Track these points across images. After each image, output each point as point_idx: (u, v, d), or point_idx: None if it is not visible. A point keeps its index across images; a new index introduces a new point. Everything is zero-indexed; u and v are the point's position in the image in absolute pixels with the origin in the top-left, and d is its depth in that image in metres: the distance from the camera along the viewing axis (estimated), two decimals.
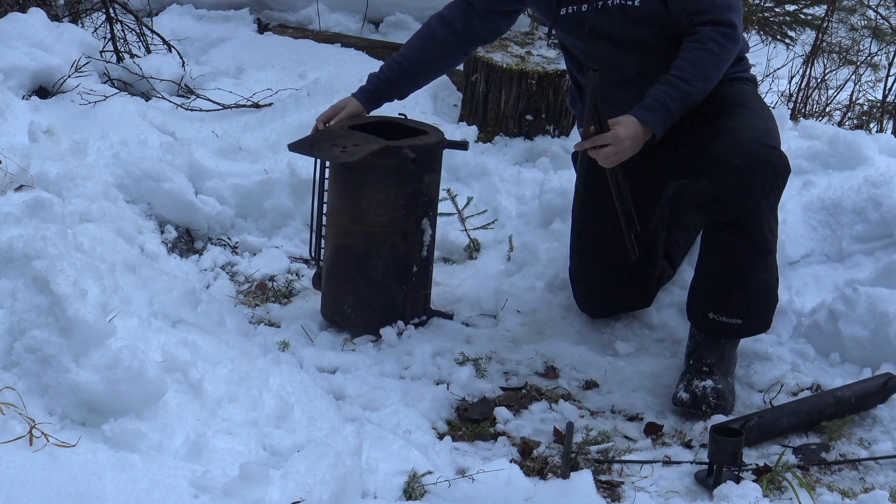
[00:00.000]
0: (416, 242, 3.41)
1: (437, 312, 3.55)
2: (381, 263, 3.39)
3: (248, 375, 2.74)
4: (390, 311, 3.44)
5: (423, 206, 3.39)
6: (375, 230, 3.36)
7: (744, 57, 3.33)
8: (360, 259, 3.40)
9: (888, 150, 3.95)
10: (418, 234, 3.40)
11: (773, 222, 3.05)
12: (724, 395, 3.06)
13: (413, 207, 3.37)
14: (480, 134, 4.83)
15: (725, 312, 3.09)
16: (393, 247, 3.38)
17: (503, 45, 4.97)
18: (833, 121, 6.38)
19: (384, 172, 3.31)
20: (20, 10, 5.08)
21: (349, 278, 3.44)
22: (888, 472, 2.84)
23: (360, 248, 3.39)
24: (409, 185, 3.34)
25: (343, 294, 3.46)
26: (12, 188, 3.43)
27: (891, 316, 3.17)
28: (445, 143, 3.45)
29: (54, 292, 2.43)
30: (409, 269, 3.40)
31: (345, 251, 3.43)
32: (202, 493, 2.21)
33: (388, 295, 3.42)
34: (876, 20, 7.01)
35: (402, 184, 3.33)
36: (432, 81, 3.88)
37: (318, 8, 6.54)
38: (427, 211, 3.41)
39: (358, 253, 3.40)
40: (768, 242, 3.05)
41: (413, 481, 2.62)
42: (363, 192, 3.34)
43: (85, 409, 2.36)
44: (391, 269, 3.40)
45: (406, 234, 3.38)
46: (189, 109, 4.99)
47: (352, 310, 3.45)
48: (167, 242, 3.94)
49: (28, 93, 4.65)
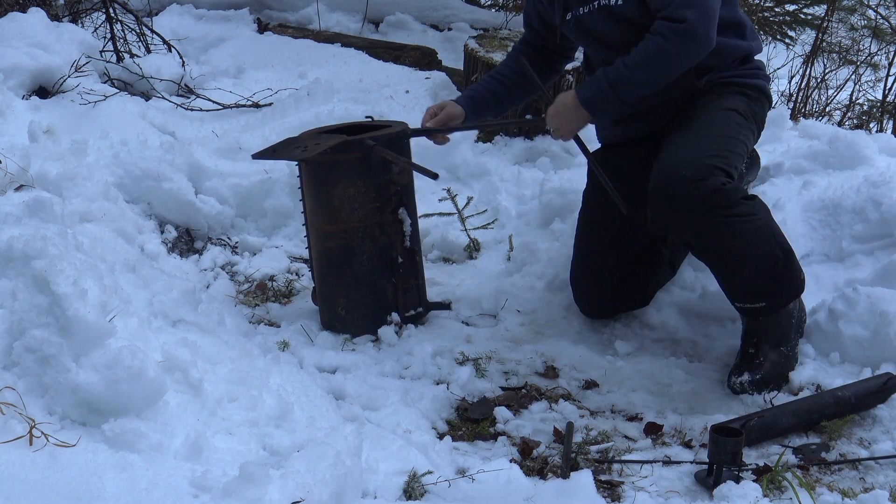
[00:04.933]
0: (396, 233, 3.43)
1: (434, 304, 3.56)
2: (364, 259, 3.41)
3: (248, 375, 2.74)
4: (383, 305, 3.45)
5: (397, 195, 3.41)
6: (353, 226, 3.39)
7: (750, 57, 3.31)
8: (344, 258, 3.42)
9: (888, 150, 3.95)
10: (396, 224, 3.42)
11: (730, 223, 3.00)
12: (764, 381, 3.13)
13: (386, 198, 3.39)
14: (480, 134, 4.83)
15: (747, 300, 3.15)
16: (373, 240, 3.40)
17: (503, 45, 4.97)
18: (833, 120, 6.39)
19: (349, 166, 3.34)
20: (20, 10, 5.09)
21: (337, 280, 3.45)
22: (888, 472, 2.84)
23: (342, 246, 3.41)
24: (377, 175, 3.37)
25: (335, 297, 3.47)
26: (12, 188, 3.44)
27: (891, 316, 3.17)
28: (409, 132, 3.46)
29: (54, 292, 2.43)
30: (394, 260, 3.43)
31: (328, 253, 3.45)
32: (202, 492, 2.21)
33: (377, 289, 3.44)
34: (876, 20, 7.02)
35: (369, 175, 3.36)
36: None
37: (318, 8, 6.55)
38: (402, 200, 3.43)
39: (341, 252, 3.42)
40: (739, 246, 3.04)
41: (413, 481, 2.62)
42: (334, 190, 3.37)
43: (85, 408, 2.36)
44: (376, 264, 3.42)
45: (384, 225, 3.41)
46: (189, 109, 4.99)
47: (345, 311, 3.46)
48: (167, 242, 3.94)
49: (28, 93, 4.65)
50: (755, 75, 3.30)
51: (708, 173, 2.97)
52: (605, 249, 3.42)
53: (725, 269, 3.13)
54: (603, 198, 3.31)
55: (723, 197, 2.97)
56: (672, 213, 3.02)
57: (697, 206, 2.97)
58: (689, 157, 3.02)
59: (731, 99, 3.22)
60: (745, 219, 3.02)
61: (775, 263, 3.11)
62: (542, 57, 3.55)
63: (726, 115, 3.18)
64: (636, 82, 3.10)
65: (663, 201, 3.02)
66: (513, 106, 3.65)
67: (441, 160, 4.57)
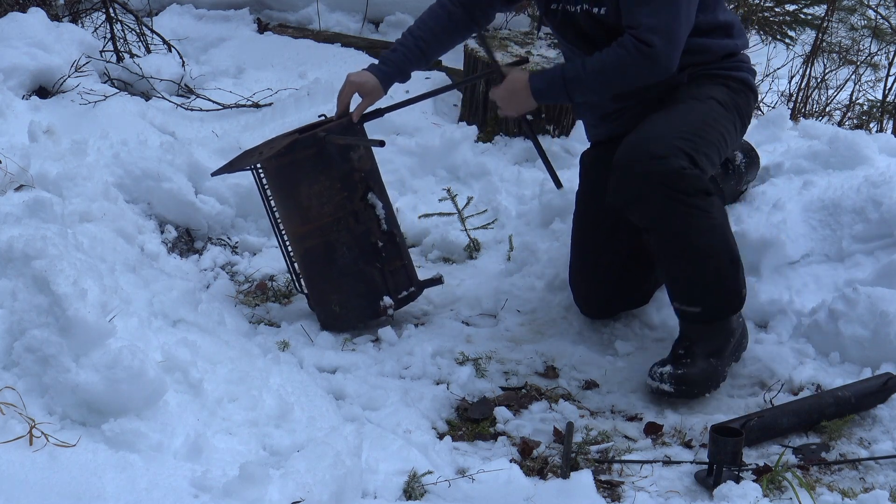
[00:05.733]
0: (371, 219, 3.43)
1: (426, 282, 3.57)
2: (345, 251, 3.42)
3: (248, 375, 2.74)
4: (374, 291, 3.46)
5: (363, 181, 3.42)
6: (326, 221, 3.40)
7: (736, 52, 3.30)
8: (326, 254, 3.43)
9: (888, 149, 3.95)
10: (369, 210, 3.43)
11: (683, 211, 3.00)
12: (684, 379, 3.08)
13: (352, 186, 3.40)
14: (480, 134, 4.83)
15: (684, 301, 3.14)
16: (350, 231, 3.41)
17: (503, 45, 4.97)
18: (833, 120, 6.39)
19: (308, 163, 3.35)
20: (20, 9, 5.09)
21: (325, 277, 3.46)
22: (888, 472, 2.84)
23: (321, 244, 3.42)
24: (338, 167, 3.38)
25: (326, 295, 3.48)
26: (12, 188, 3.44)
27: (891, 316, 3.17)
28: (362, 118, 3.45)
29: (54, 292, 2.43)
30: (375, 245, 3.44)
31: (310, 254, 3.46)
32: (202, 492, 2.21)
33: (364, 277, 3.45)
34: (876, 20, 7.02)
35: (330, 168, 3.37)
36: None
37: (318, 8, 6.55)
38: (369, 185, 3.43)
39: (321, 250, 3.43)
40: (688, 236, 3.04)
41: (413, 481, 2.62)
42: (299, 190, 3.38)
43: (85, 408, 2.36)
44: (358, 253, 3.43)
45: (357, 213, 3.41)
46: (189, 109, 4.99)
47: (339, 307, 3.47)
48: (167, 242, 3.94)
49: (28, 93, 4.65)
50: (738, 68, 3.29)
51: (671, 153, 2.99)
52: (599, 247, 3.42)
53: (669, 261, 3.12)
54: (594, 197, 3.31)
55: (680, 180, 2.98)
56: (628, 186, 3.05)
57: (654, 184, 2.99)
58: (657, 134, 3.04)
59: (712, 88, 3.21)
60: (700, 213, 3.01)
61: (719, 269, 3.09)
62: (468, 12, 3.48)
63: (704, 102, 3.17)
64: (589, 86, 3.17)
65: (622, 174, 3.05)
66: (438, 56, 3.61)
67: (441, 160, 4.57)
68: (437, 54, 3.57)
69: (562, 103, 3.24)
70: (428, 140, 4.62)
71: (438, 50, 3.53)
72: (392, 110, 3.54)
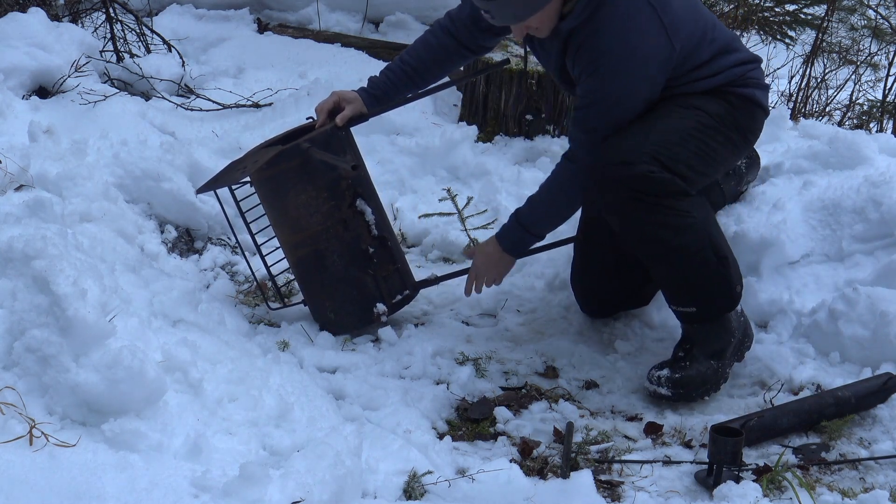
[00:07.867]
0: (360, 225, 3.42)
1: (421, 283, 3.57)
2: (336, 258, 3.42)
3: (248, 375, 2.74)
4: (366, 297, 3.45)
5: (350, 188, 3.41)
6: (315, 230, 3.39)
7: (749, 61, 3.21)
8: (317, 262, 3.42)
9: (888, 149, 3.95)
10: (358, 216, 3.42)
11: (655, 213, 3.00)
12: (682, 382, 3.10)
13: (339, 195, 3.39)
14: (480, 134, 4.83)
15: (679, 302, 3.15)
16: (339, 238, 3.41)
17: (503, 45, 4.97)
18: (833, 120, 6.39)
19: (294, 174, 3.34)
20: (20, 10, 5.08)
21: (319, 285, 3.46)
22: (888, 472, 2.84)
23: (312, 252, 3.42)
24: (323, 175, 3.36)
25: (320, 301, 3.48)
26: (12, 188, 3.44)
27: (891, 316, 3.17)
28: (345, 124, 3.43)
29: (54, 292, 2.43)
30: (365, 252, 3.43)
31: (302, 263, 3.46)
32: (202, 492, 2.21)
33: (357, 284, 3.44)
34: (876, 20, 7.02)
35: (315, 177, 3.35)
36: None
37: (318, 8, 6.55)
38: (357, 192, 3.42)
39: (313, 259, 3.42)
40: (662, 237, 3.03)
41: (413, 481, 2.62)
42: (287, 201, 3.37)
43: (85, 408, 2.36)
44: (349, 260, 3.42)
45: (346, 221, 3.40)
46: (189, 109, 4.99)
47: (334, 313, 3.47)
48: (167, 242, 3.94)
49: (28, 93, 4.65)
50: (745, 84, 3.18)
51: (639, 159, 2.98)
52: (600, 247, 3.41)
53: (652, 264, 3.14)
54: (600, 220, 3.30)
55: (647, 184, 2.97)
56: (599, 192, 3.08)
57: (621, 189, 3.00)
58: (631, 142, 3.03)
59: (707, 101, 3.14)
60: (672, 213, 3.01)
61: (705, 266, 3.07)
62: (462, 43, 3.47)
63: (689, 110, 3.11)
64: (546, 216, 3.31)
65: (593, 180, 3.09)
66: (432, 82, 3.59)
67: (441, 160, 4.57)
68: (430, 81, 3.56)
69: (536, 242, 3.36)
70: (428, 140, 4.62)
71: (429, 77, 3.54)
72: (384, 111, 3.53)
